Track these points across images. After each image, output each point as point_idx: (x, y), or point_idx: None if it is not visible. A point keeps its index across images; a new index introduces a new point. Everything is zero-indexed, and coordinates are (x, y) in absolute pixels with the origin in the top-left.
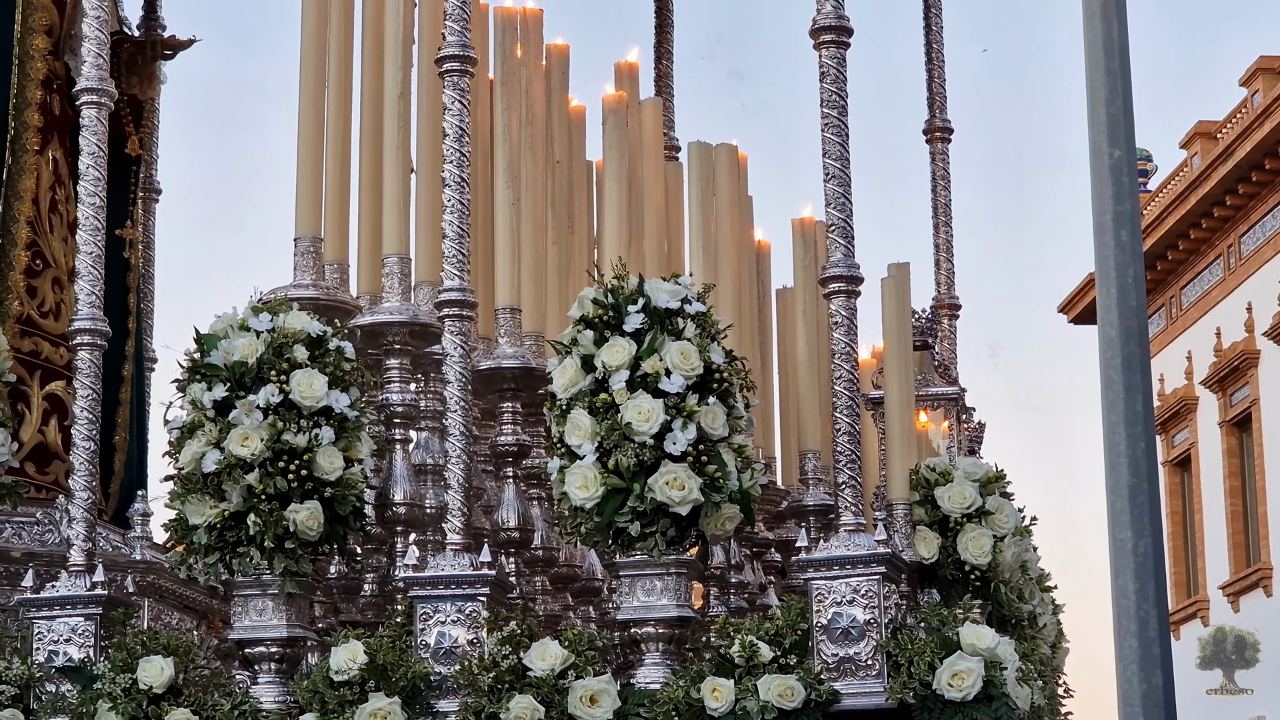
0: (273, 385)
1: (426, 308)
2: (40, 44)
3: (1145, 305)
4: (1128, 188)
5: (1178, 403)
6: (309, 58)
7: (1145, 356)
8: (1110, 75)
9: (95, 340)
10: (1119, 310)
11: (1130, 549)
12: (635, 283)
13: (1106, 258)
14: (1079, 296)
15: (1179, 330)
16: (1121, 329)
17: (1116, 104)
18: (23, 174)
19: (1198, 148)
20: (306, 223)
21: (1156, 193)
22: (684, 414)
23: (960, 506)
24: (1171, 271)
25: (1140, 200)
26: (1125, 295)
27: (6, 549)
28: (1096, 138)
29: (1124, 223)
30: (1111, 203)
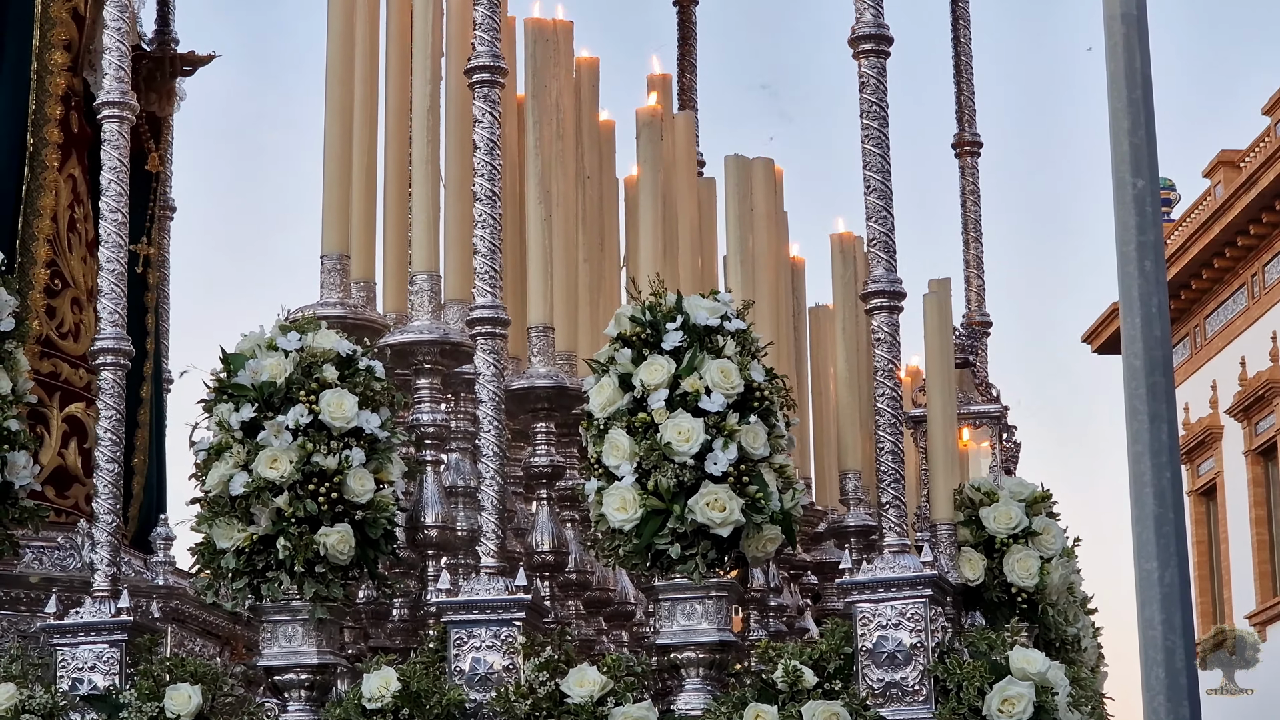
0: (302, 406)
1: (457, 326)
2: (59, 59)
3: (1170, 335)
4: (1151, 218)
5: (1202, 432)
6: (335, 72)
7: (1170, 386)
8: (1133, 105)
9: (119, 360)
10: (1143, 340)
11: (1156, 579)
12: (673, 300)
13: (1130, 288)
14: (1103, 326)
15: (1203, 359)
16: (1146, 359)
17: (1139, 134)
18: (42, 191)
19: (1221, 177)
20: (333, 240)
21: (1180, 222)
22: (725, 433)
23: (1006, 527)
24: (1195, 301)
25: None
26: (1149, 325)
27: (27, 574)
28: (1119, 168)
29: (1148, 253)
30: (1135, 233)
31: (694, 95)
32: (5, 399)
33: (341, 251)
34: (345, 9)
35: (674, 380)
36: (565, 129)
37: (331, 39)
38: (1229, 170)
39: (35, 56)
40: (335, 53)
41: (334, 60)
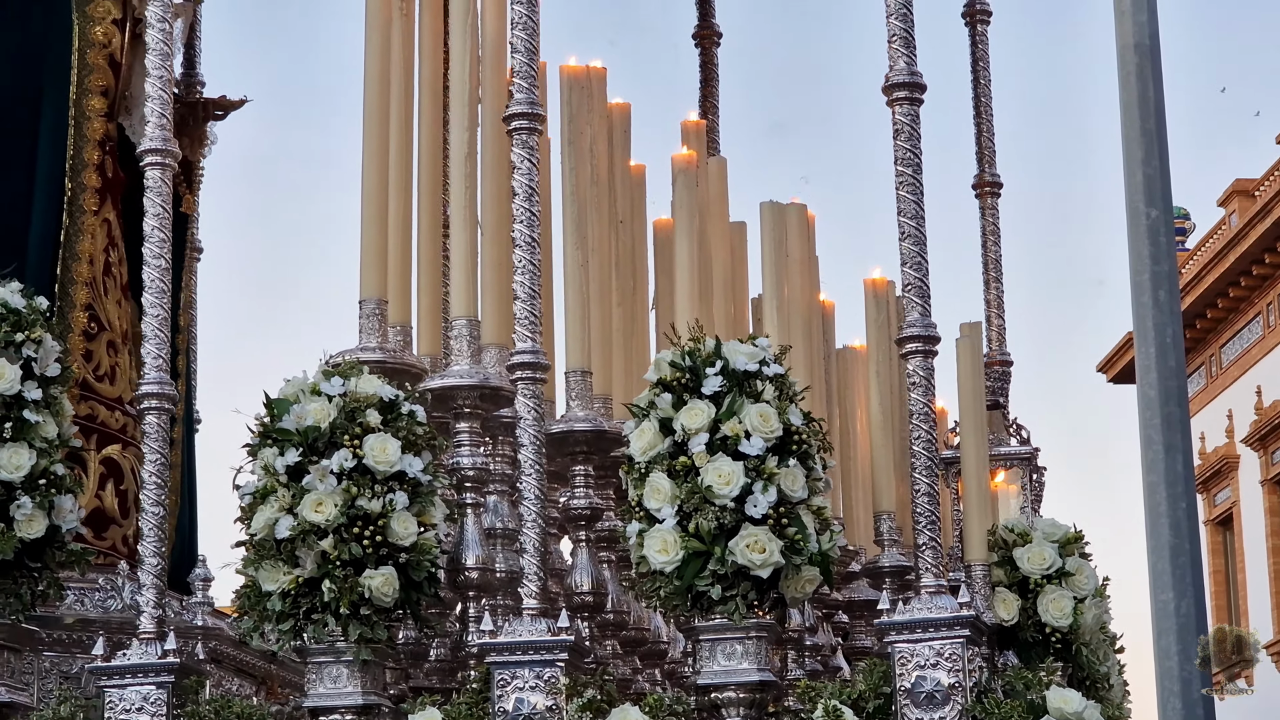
0: (346, 450)
1: (494, 370)
2: (97, 105)
3: (1184, 365)
4: (1165, 247)
5: (1219, 461)
6: (372, 120)
7: (1185, 416)
8: (1146, 135)
9: (163, 405)
10: (1158, 370)
11: (1173, 610)
12: (712, 345)
13: (1145, 317)
14: (1118, 356)
15: (1219, 389)
16: (1161, 389)
17: (1153, 164)
18: (81, 235)
19: (1235, 205)
20: (371, 285)
21: (1195, 251)
22: (764, 476)
23: (1040, 568)
24: (1211, 330)
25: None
26: (1164, 355)
27: (68, 615)
28: (1134, 197)
29: (1162, 282)
30: (1149, 262)
31: (716, 136)
32: (51, 443)
33: (380, 296)
34: (381, 57)
35: (714, 424)
36: (599, 175)
37: (369, 87)
38: (1243, 199)
39: (73, 102)
40: (372, 100)
41: (371, 108)
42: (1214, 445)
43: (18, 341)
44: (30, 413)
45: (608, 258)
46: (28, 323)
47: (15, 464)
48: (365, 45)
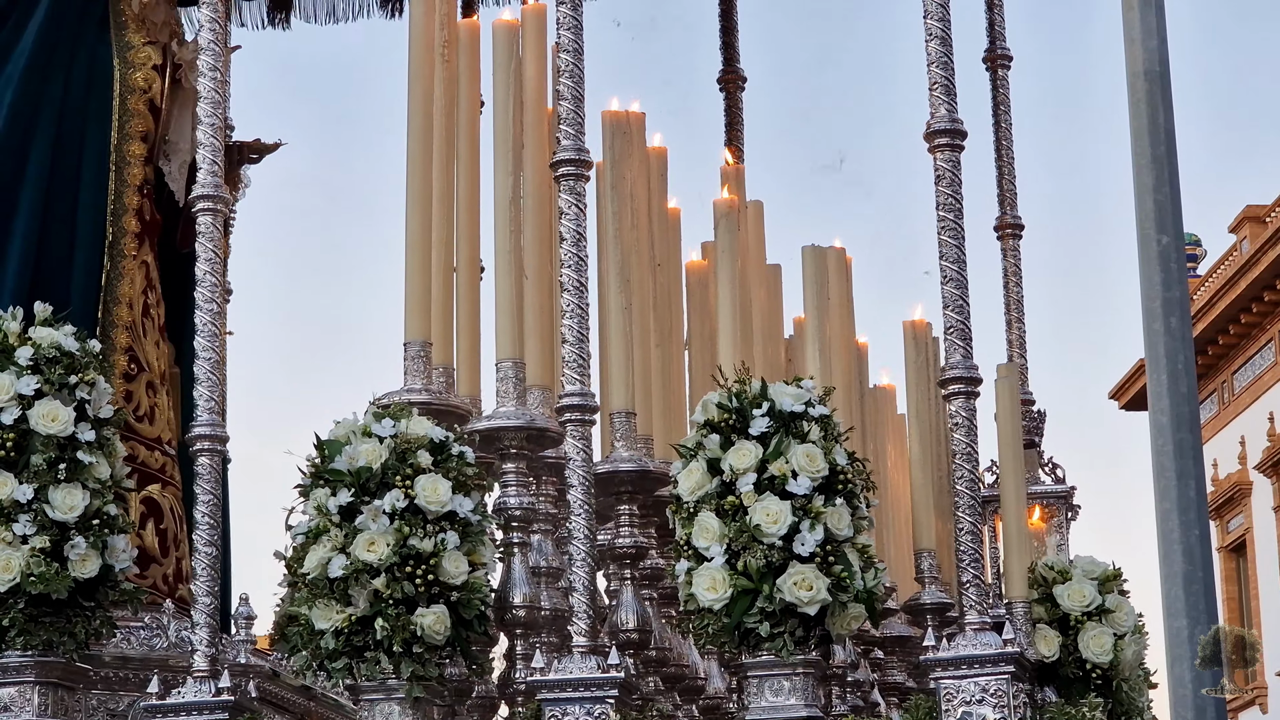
0: (398, 490)
1: (538, 411)
2: (137, 150)
3: (1196, 391)
4: (1176, 274)
5: (1231, 488)
6: (415, 167)
7: (1197, 443)
8: (1157, 162)
9: (216, 446)
10: (1170, 397)
11: (1186, 637)
12: (758, 387)
13: (1156, 344)
14: (1130, 382)
15: (1232, 415)
16: (1173, 415)
17: (1164, 191)
18: (121, 278)
19: (1246, 232)
20: (416, 327)
21: (1206, 277)
22: (811, 515)
23: (1080, 605)
24: (1223, 356)
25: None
26: (1176, 381)
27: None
28: (1144, 224)
29: (1173, 309)
30: (1160, 289)
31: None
32: (104, 484)
33: (425, 339)
34: (424, 103)
35: (761, 464)
36: (639, 218)
37: (412, 133)
38: (1254, 225)
39: (114, 148)
40: (416, 147)
41: (414, 155)
42: (1227, 472)
43: (71, 384)
44: (84, 454)
45: (647, 300)
46: (81, 365)
47: (69, 504)
48: (409, 92)
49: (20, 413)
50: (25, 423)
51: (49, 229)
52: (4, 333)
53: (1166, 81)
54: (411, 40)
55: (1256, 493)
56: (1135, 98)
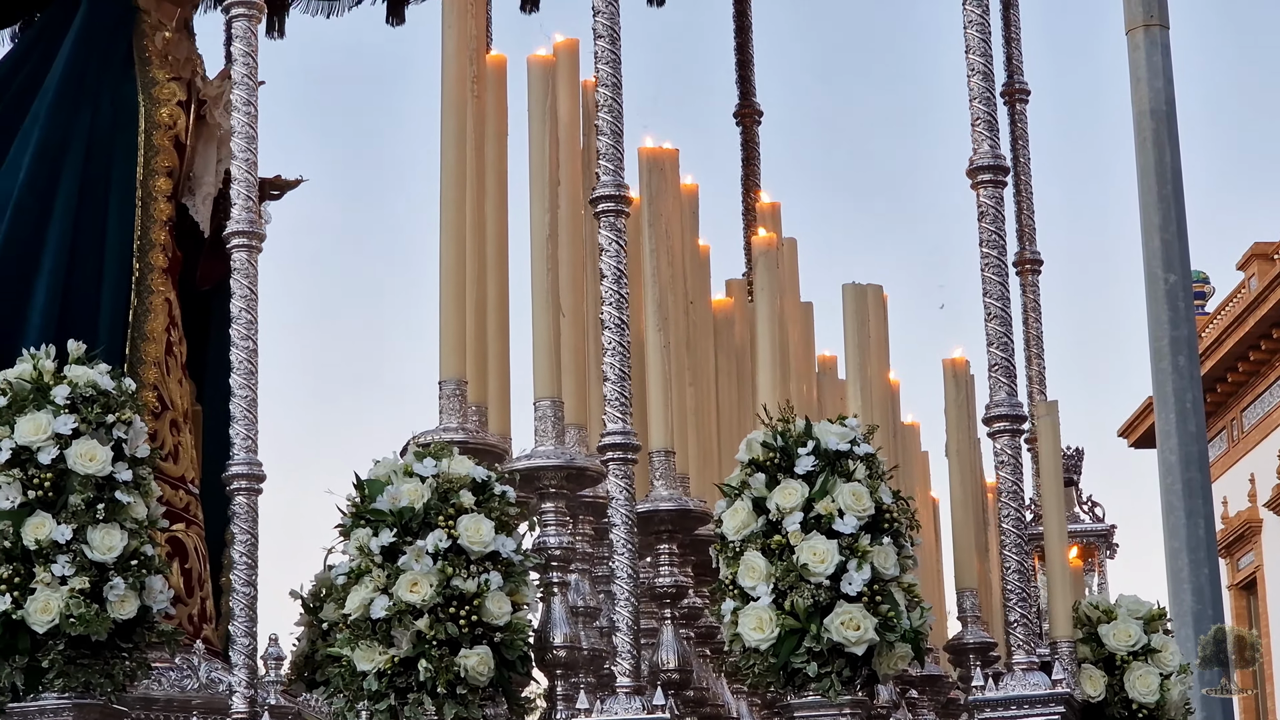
0: (441, 531)
1: (575, 450)
2: (163, 186)
3: (1205, 430)
4: (1184, 313)
5: (1241, 526)
6: (449, 203)
7: (1206, 481)
8: (1164, 201)
9: (253, 485)
10: (1178, 435)
11: (1196, 675)
12: (802, 425)
13: (1164, 383)
14: (1139, 420)
15: (1241, 453)
16: (1181, 454)
17: (1170, 229)
18: (149, 315)
19: (1255, 269)
20: (451, 366)
21: (1215, 315)
22: (858, 554)
23: (1126, 644)
24: (1232, 394)
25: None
26: (1184, 420)
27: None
28: (1151, 263)
29: (1181, 348)
30: (1168, 327)
31: (755, 215)
32: (141, 524)
33: (460, 377)
34: (457, 141)
35: (808, 503)
36: (675, 255)
37: (445, 170)
38: (1263, 262)
39: (140, 184)
40: (449, 183)
41: (448, 190)
42: (1236, 509)
43: (109, 423)
44: (122, 494)
45: (681, 338)
46: (118, 404)
47: (108, 545)
48: (442, 128)
49: (58, 452)
50: (63, 462)
51: (76, 265)
52: (39, 371)
53: (1173, 121)
54: (445, 77)
55: (1267, 530)
56: (1142, 137)
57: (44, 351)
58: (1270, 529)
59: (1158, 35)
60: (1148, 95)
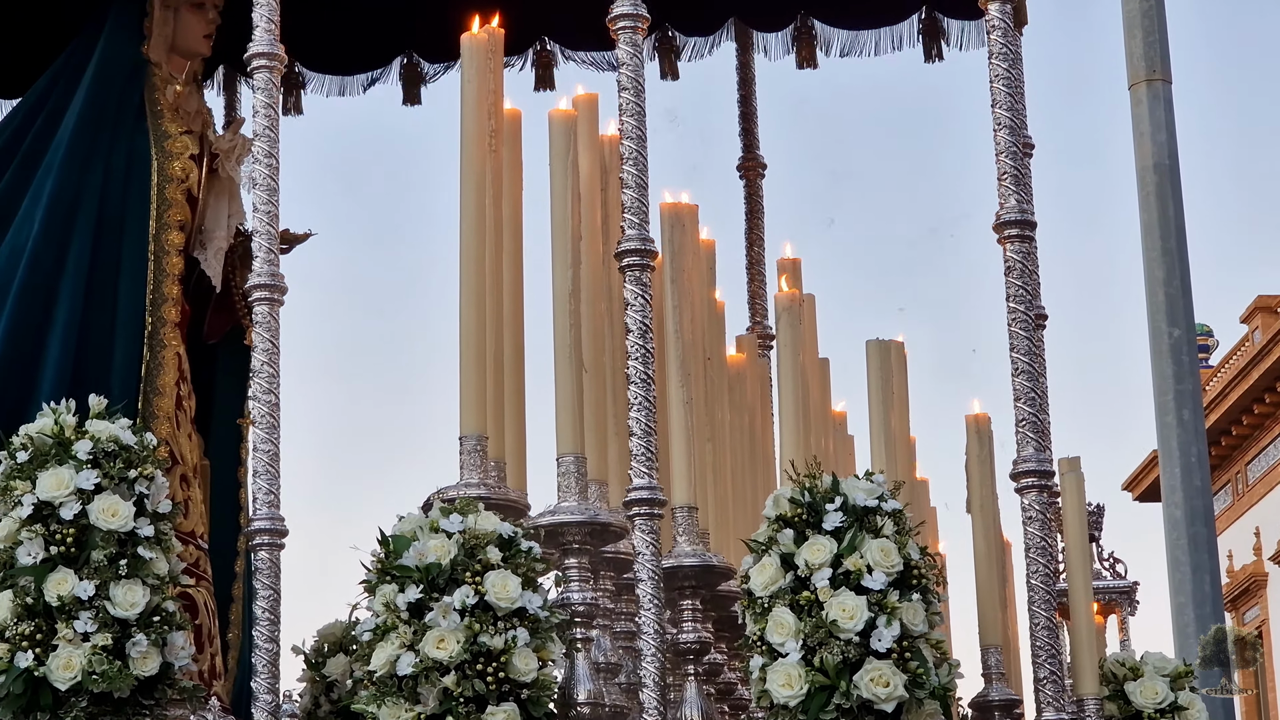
0: (468, 587)
1: (597, 505)
2: (175, 239)
3: (1210, 484)
4: (1188, 367)
5: (1247, 579)
6: (469, 259)
7: (1212, 536)
8: (1168, 255)
9: (275, 540)
10: (1183, 490)
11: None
12: (829, 481)
13: (1169, 437)
14: (1143, 474)
15: (1246, 506)
16: (1187, 509)
17: (1174, 284)
18: (161, 369)
19: (1258, 322)
20: (472, 422)
21: (1219, 368)
22: (887, 611)
23: (1153, 702)
24: (1236, 447)
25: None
26: (1189, 475)
27: None
28: (1156, 317)
29: (1186, 401)
30: (1172, 382)
31: (761, 269)
32: (163, 580)
33: (480, 432)
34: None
35: (836, 559)
36: (695, 311)
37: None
38: (1266, 315)
39: (153, 237)
40: (469, 239)
41: (467, 246)
42: (1242, 563)
43: (130, 479)
44: (144, 549)
45: (700, 393)
46: (139, 459)
47: (130, 601)
48: (461, 184)
49: (80, 507)
50: (85, 517)
51: (89, 319)
52: (60, 426)
53: (1176, 175)
54: (464, 133)
55: (1272, 584)
56: (1145, 191)
57: (65, 406)
58: (1276, 582)
59: (1160, 90)
60: (1151, 150)
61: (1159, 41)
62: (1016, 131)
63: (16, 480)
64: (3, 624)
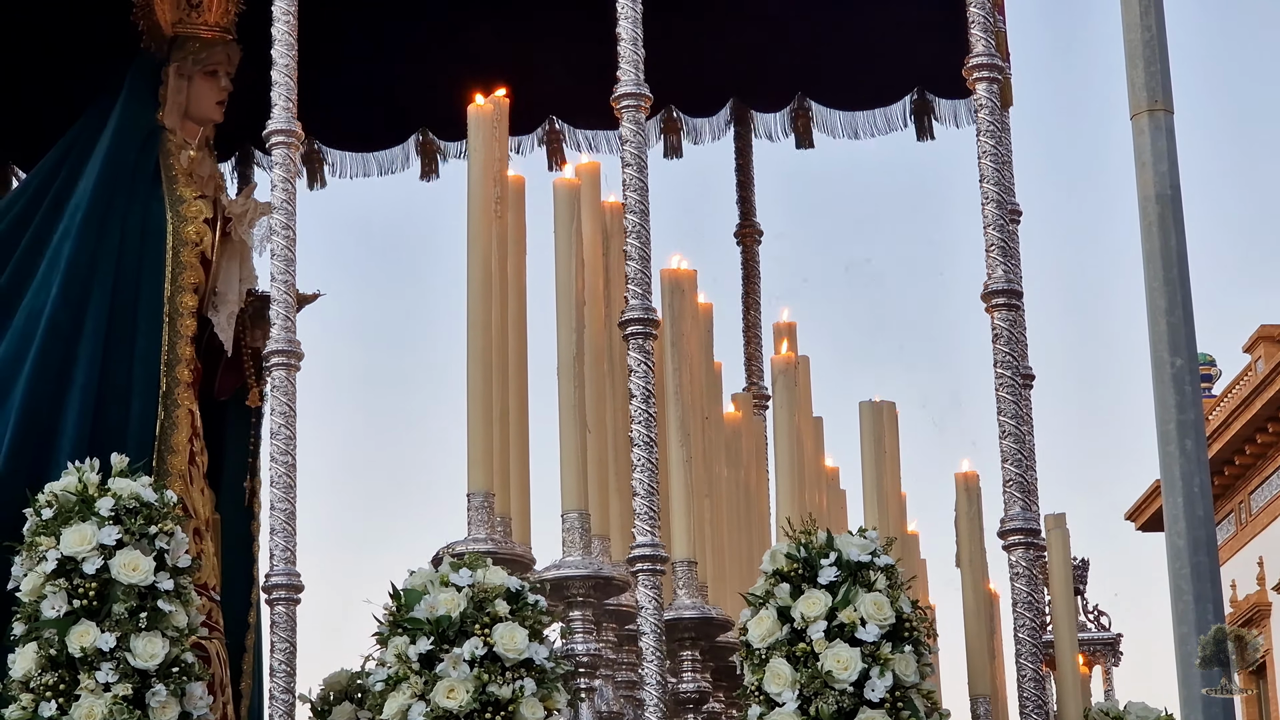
0: (477, 639)
1: (600, 560)
2: (189, 302)
3: (1213, 514)
4: (1190, 396)
5: (1250, 609)
6: (475, 322)
7: (1214, 566)
8: (1169, 285)
9: (291, 595)
10: (1186, 520)
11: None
12: (824, 537)
13: (1171, 467)
14: (1146, 503)
15: (1249, 535)
16: (1189, 539)
17: (1176, 314)
18: (175, 428)
19: (1261, 351)
20: (479, 479)
21: (1221, 397)
22: (880, 662)
23: None
24: (1239, 476)
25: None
26: (1192, 505)
27: None
28: (1158, 347)
29: (1188, 431)
30: (1175, 412)
31: (758, 331)
32: (182, 632)
33: (488, 489)
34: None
35: (831, 612)
36: (695, 373)
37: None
38: (1269, 345)
39: (167, 299)
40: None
41: (474, 310)
42: (1245, 593)
43: (151, 534)
44: (164, 603)
45: (700, 453)
46: (160, 516)
47: (150, 653)
48: (468, 249)
49: (102, 562)
50: (106, 572)
51: (106, 380)
52: (84, 483)
53: (1178, 205)
54: (470, 199)
55: (1276, 614)
56: (1147, 221)
57: (88, 465)
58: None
59: (1162, 120)
60: (1153, 180)
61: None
62: (1003, 205)
63: (41, 536)
64: (27, 675)
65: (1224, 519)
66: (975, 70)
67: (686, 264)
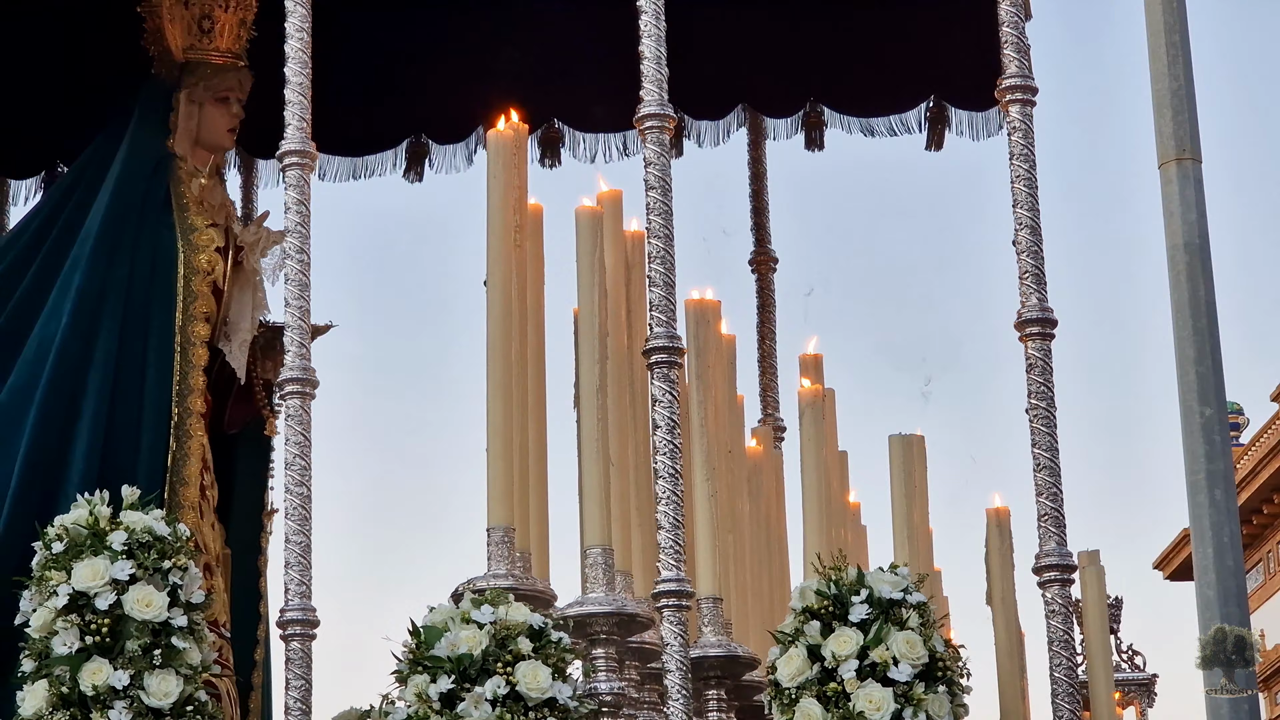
0: (500, 678)
1: (623, 597)
2: (201, 331)
3: (1243, 564)
4: (1220, 446)
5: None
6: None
7: (1244, 616)
8: (1199, 335)
9: (307, 631)
10: (1216, 570)
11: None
12: (854, 574)
13: (1201, 517)
14: (1174, 552)
15: (1278, 585)
16: (1219, 589)
17: (1205, 363)
18: (188, 460)
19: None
20: (499, 514)
21: (1249, 446)
22: (913, 702)
23: None
24: (1268, 525)
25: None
26: (1222, 555)
27: None
28: (1187, 397)
29: (1218, 481)
30: (1204, 462)
31: (774, 361)
32: (195, 670)
33: (508, 524)
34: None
35: (862, 651)
36: (719, 405)
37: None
38: None
39: (179, 329)
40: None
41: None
42: (1275, 642)
43: (164, 569)
44: (178, 639)
45: (723, 485)
46: (173, 550)
47: (164, 691)
48: (488, 280)
49: (115, 598)
50: (119, 608)
51: (117, 410)
52: (95, 517)
53: (1207, 254)
54: (490, 229)
55: None
56: (1175, 271)
57: (99, 497)
58: None
59: (1190, 169)
60: (1181, 229)
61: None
62: (1036, 231)
63: (52, 571)
64: (38, 713)
65: (1253, 568)
66: (1008, 92)
67: (711, 294)
